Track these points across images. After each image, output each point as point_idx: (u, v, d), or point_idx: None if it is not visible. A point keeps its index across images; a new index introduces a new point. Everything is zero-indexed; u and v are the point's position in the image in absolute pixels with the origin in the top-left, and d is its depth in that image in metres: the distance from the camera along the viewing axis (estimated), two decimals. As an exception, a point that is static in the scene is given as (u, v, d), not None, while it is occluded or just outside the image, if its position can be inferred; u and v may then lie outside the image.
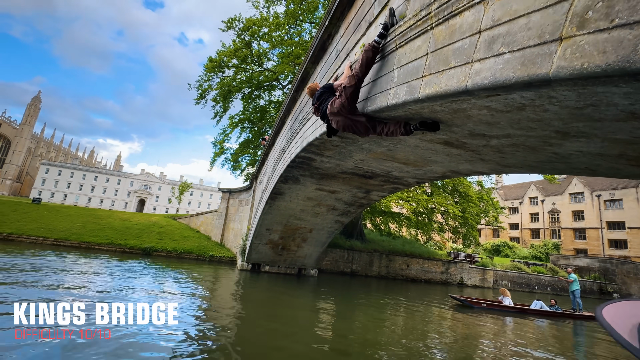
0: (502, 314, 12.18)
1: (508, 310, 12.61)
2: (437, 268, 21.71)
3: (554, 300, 13.68)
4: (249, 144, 23.16)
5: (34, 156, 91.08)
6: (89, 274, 10.60)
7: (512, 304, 12.90)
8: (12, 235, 16.93)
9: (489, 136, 3.30)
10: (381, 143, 5.15)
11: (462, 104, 2.33)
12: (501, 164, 5.00)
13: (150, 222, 21.95)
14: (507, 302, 12.94)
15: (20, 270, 9.55)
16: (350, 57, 4.31)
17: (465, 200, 19.04)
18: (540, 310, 12.77)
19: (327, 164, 7.61)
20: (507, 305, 12.80)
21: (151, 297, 8.49)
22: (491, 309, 12.60)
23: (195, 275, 13.14)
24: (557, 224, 47.79)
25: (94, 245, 17.47)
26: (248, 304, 9.62)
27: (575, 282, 13.80)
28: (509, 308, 12.74)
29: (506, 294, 13.36)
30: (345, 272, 19.56)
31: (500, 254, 37.58)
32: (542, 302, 13.06)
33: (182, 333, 6.04)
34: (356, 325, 8.49)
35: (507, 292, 13.47)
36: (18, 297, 6.67)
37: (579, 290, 13.67)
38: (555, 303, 13.38)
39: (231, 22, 18.97)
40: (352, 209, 12.12)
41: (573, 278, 13.97)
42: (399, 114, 3.16)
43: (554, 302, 13.45)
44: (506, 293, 13.39)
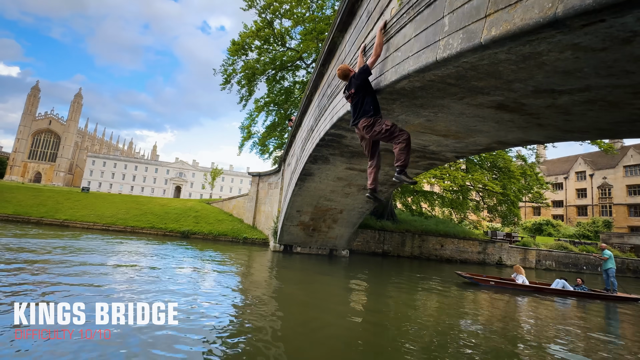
0: (514, 292, 11.16)
1: (521, 289, 11.51)
2: (474, 248, 20.81)
3: (580, 279, 12.14)
4: (275, 127, 23.11)
5: (81, 149, 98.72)
6: (144, 255, 11.35)
7: (526, 282, 11.76)
8: (67, 222, 18.54)
9: (560, 92, 2.78)
10: (420, 113, 4.68)
11: (539, 45, 1.88)
12: (562, 129, 4.36)
13: (186, 206, 23.01)
14: (521, 280, 11.80)
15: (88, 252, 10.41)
16: (385, 14, 3.84)
17: (506, 176, 17.72)
18: (562, 290, 11.45)
19: (357, 140, 7.23)
20: (520, 283, 11.69)
21: (198, 275, 8.95)
22: (501, 287, 11.61)
23: (232, 256, 13.63)
24: (608, 199, 43.77)
25: (138, 229, 18.68)
26: (283, 282, 9.80)
27: (611, 259, 12.19)
28: (522, 287, 11.60)
29: (520, 271, 12.18)
30: (376, 252, 19.37)
31: (543, 232, 35.38)
32: (566, 281, 11.78)
33: (228, 304, 6.53)
34: (388, 302, 8.34)
35: (522, 270, 12.29)
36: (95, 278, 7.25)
37: (613, 269, 12.04)
38: (582, 282, 11.92)
39: (252, 1, 18.49)
40: (383, 188, 11.69)
41: (608, 255, 12.30)
42: (448, 71, 2.73)
43: (581, 281, 11.97)
44: (520, 270, 12.22)
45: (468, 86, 3.09)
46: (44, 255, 9.39)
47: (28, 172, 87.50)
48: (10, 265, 7.76)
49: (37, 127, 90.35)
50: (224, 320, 5.67)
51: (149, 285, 7.23)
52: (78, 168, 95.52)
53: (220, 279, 8.91)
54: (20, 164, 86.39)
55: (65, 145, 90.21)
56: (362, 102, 3.72)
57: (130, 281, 7.51)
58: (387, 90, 3.83)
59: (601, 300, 11.35)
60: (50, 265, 8.20)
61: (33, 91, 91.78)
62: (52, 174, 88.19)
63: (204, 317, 5.70)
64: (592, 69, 2.11)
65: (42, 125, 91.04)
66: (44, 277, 7.08)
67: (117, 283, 7.22)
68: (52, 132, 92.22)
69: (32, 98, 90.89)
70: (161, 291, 6.77)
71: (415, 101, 4.11)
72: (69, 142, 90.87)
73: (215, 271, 9.92)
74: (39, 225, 17.69)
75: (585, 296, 11.49)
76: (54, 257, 9.23)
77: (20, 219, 18.44)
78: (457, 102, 3.84)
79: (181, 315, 5.32)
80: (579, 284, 11.92)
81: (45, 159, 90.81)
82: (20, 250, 9.95)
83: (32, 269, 7.72)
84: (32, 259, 8.75)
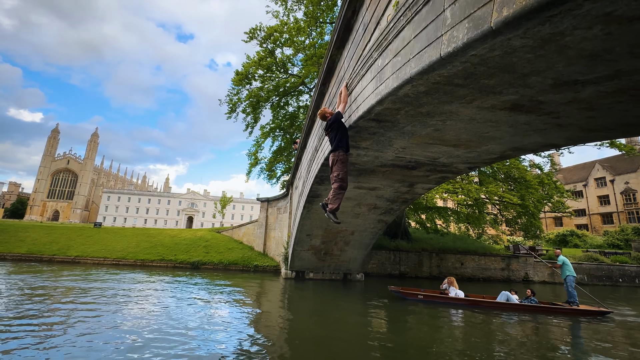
0: (447, 307, 10.01)
1: (455, 303, 10.36)
2: (496, 264, 19.66)
3: (530, 290, 10.76)
4: (281, 151, 23.21)
5: (97, 186, 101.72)
6: (148, 293, 10.98)
7: (460, 295, 10.59)
8: (78, 258, 18.50)
9: (584, 82, 2.48)
10: (427, 122, 4.41)
11: (561, 22, 1.61)
12: (585, 128, 4.00)
13: (196, 236, 22.81)
14: (454, 292, 10.72)
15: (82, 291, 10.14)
16: (382, 22, 3.70)
17: (523, 186, 16.97)
18: (504, 304, 10.07)
19: (364, 157, 6.97)
20: (453, 297, 10.53)
21: (205, 307, 8.46)
22: (430, 301, 10.49)
23: (242, 286, 13.11)
24: (634, 205, 41.58)
25: (147, 262, 18.45)
26: (296, 314, 9.19)
27: (566, 265, 10.54)
28: (455, 300, 10.42)
29: (453, 283, 11.07)
30: (393, 274, 18.47)
31: (568, 244, 33.47)
32: (509, 293, 10.40)
33: (235, 343, 5.88)
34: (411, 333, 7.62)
35: (454, 281, 11.17)
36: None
37: (572, 277, 10.33)
38: (531, 294, 10.54)
39: (253, 32, 19.25)
40: (395, 206, 11.25)
41: (561, 261, 10.66)
42: (454, 69, 2.48)
43: (530, 292, 10.63)
44: (453, 282, 11.09)
45: (478, 85, 2.83)
46: (38, 304, 9.14)
47: (47, 211, 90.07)
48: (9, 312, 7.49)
49: (56, 167, 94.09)
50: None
51: (152, 334, 6.13)
52: (94, 204, 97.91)
53: (229, 317, 7.98)
54: (39, 204, 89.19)
55: (82, 182, 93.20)
56: (334, 138, 4.54)
57: (130, 332, 6.20)
58: (389, 99, 3.61)
59: (557, 315, 9.71)
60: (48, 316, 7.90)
61: (53, 134, 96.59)
62: (69, 211, 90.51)
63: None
64: (625, 48, 1.82)
65: (61, 165, 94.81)
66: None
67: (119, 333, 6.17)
68: (70, 171, 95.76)
69: (52, 140, 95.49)
70: (166, 341, 5.80)
71: (420, 109, 3.86)
72: (85, 180, 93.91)
73: (224, 307, 9.17)
74: (51, 263, 17.68)
75: (537, 310, 9.97)
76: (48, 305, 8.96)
77: (34, 257, 18.52)
78: (467, 106, 3.57)
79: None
80: (528, 296, 10.53)
81: (63, 197, 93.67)
82: (21, 293, 9.76)
83: (29, 314, 7.45)
84: (31, 306, 8.50)
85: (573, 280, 10.39)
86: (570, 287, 10.31)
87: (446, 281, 11.45)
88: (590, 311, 9.85)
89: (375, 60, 3.83)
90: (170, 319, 7.24)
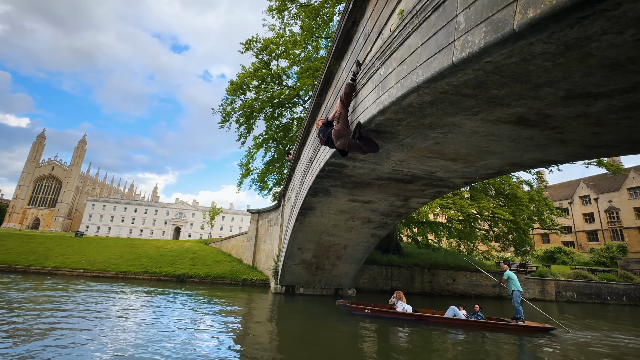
0: (394, 322, 9.83)
1: (402, 318, 10.19)
2: (488, 281, 19.52)
3: (478, 305, 10.61)
4: (274, 163, 22.99)
5: (81, 194, 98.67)
6: (127, 309, 10.35)
7: (408, 310, 10.40)
8: (56, 269, 17.54)
9: (597, 95, 2.39)
10: (427, 134, 4.30)
11: (592, 26, 1.49)
12: (588, 145, 3.94)
13: (183, 248, 22.05)
14: (402, 307, 10.49)
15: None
16: (384, 32, 3.61)
17: (514, 202, 17.12)
18: (451, 319, 9.99)
19: (360, 170, 6.83)
20: (400, 311, 10.34)
21: (188, 328, 7.93)
22: (377, 315, 10.32)
23: (228, 302, 12.54)
24: (617, 223, 42.58)
25: (130, 274, 17.62)
26: (284, 332, 8.75)
27: (512, 280, 10.44)
28: (402, 315, 10.25)
29: (401, 297, 10.83)
30: (384, 290, 18.09)
31: (556, 261, 33.79)
32: (457, 308, 10.32)
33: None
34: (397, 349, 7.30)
35: (402, 296, 10.95)
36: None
37: (518, 292, 10.23)
38: (479, 309, 10.41)
39: (249, 43, 19.33)
40: (389, 220, 11.09)
41: (507, 276, 10.57)
42: (465, 77, 2.36)
43: (478, 307, 10.48)
44: (401, 297, 10.86)
45: (486, 96, 2.72)
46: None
47: (26, 219, 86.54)
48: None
49: (40, 174, 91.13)
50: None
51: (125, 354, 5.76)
52: (77, 212, 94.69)
53: (209, 339, 7.31)
54: (19, 211, 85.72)
55: (67, 190, 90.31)
56: (327, 141, 4.76)
57: (99, 351, 5.86)
58: (392, 109, 3.48)
59: (502, 331, 9.60)
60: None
61: (38, 139, 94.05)
62: (50, 219, 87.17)
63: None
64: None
65: (45, 172, 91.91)
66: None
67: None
68: (54, 178, 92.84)
69: (37, 146, 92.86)
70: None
71: (423, 120, 3.74)
72: (69, 187, 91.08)
73: (206, 327, 8.44)
74: (26, 274, 16.69)
75: (483, 326, 9.85)
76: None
77: (7, 268, 17.45)
78: (471, 119, 3.47)
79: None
80: (476, 312, 10.38)
81: (45, 204, 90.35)
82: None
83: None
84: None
85: (519, 295, 10.32)
86: (516, 303, 10.22)
87: (395, 295, 11.18)
88: (535, 327, 9.85)
89: (378, 69, 3.72)
90: (146, 340, 6.73)
